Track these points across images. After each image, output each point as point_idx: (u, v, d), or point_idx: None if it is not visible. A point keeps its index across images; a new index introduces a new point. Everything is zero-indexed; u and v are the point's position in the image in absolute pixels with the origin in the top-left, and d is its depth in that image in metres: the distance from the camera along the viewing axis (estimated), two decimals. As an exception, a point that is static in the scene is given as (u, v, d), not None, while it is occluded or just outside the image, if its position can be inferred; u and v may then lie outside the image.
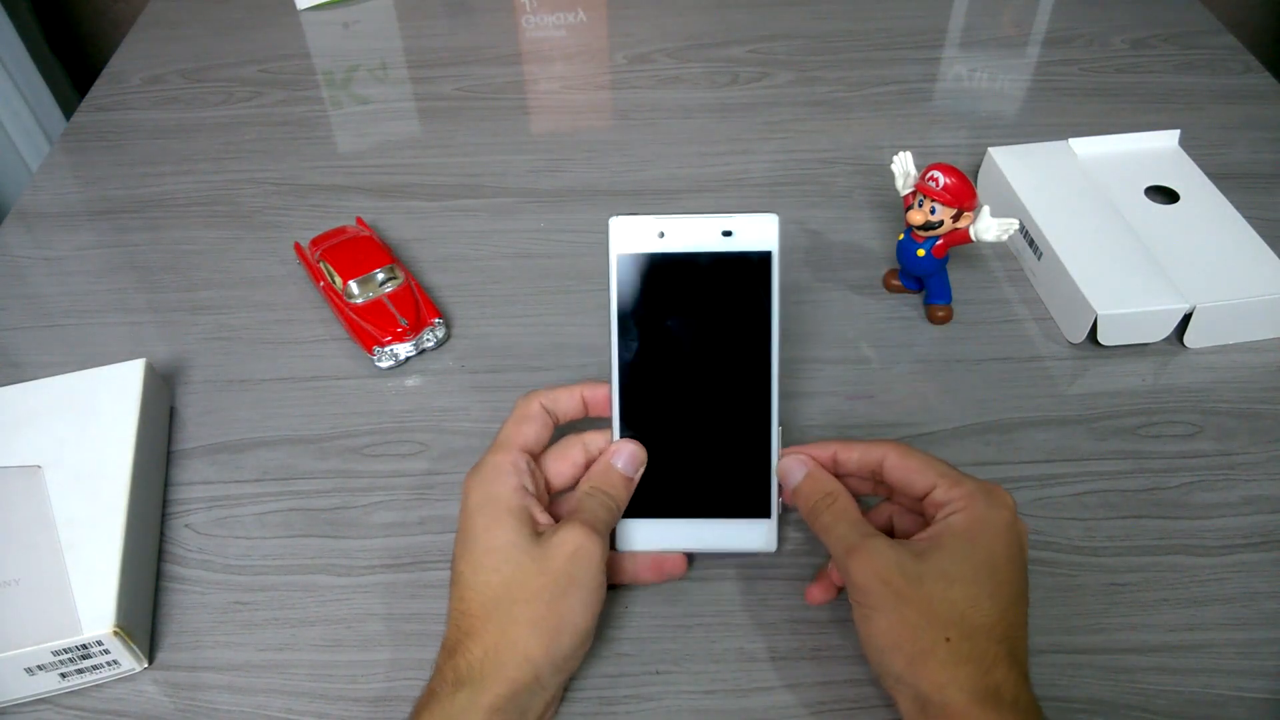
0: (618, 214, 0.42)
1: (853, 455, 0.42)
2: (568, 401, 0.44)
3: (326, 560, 0.47)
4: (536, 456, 0.43)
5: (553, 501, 0.44)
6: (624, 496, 0.42)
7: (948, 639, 0.35)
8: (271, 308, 0.60)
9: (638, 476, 0.42)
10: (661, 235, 0.42)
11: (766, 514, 0.43)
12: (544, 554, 0.38)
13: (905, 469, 0.40)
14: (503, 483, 0.40)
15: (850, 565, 0.38)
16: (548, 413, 0.43)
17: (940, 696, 0.34)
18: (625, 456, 0.42)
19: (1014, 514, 0.38)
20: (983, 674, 0.34)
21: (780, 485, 0.43)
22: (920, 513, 0.41)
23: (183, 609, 0.45)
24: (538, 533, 0.39)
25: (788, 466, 0.42)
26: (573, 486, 0.43)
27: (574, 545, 0.38)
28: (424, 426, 0.52)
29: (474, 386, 0.55)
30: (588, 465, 0.43)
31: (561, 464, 0.43)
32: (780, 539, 0.44)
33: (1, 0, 1.14)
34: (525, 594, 0.37)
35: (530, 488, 0.41)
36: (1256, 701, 0.40)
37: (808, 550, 0.46)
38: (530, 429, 0.43)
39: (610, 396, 0.43)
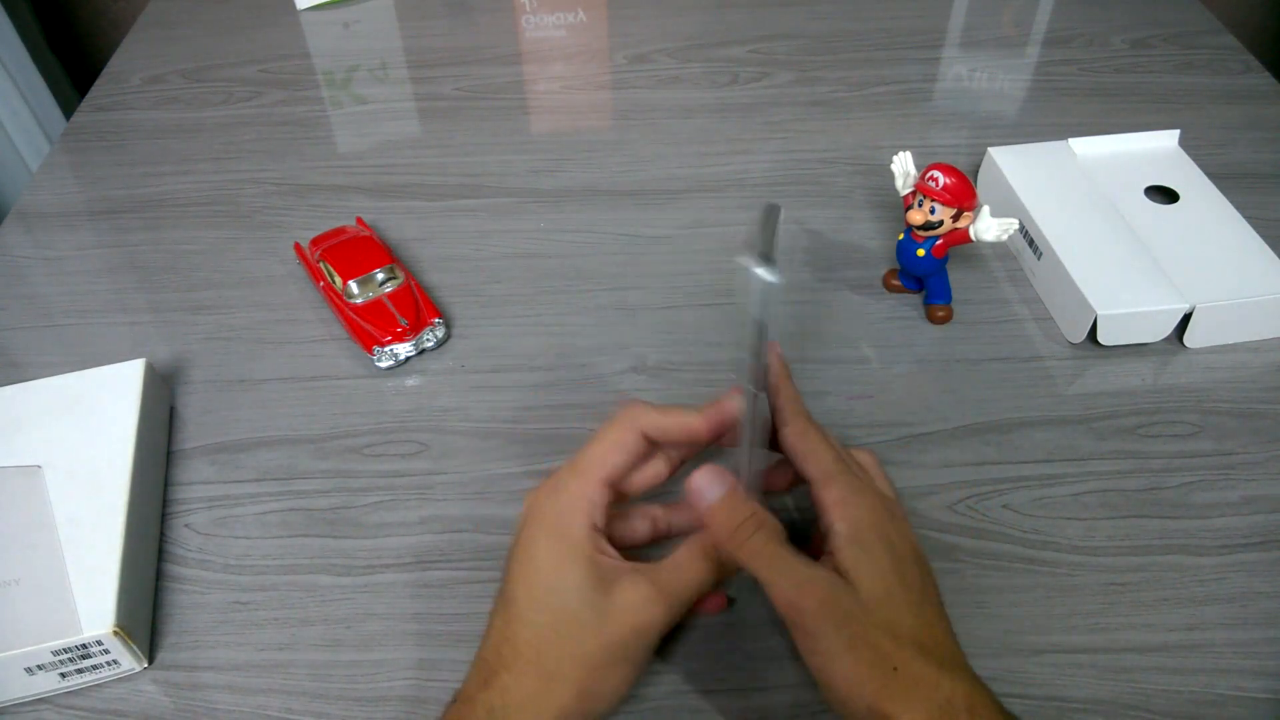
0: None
1: (775, 399, 0.39)
2: (677, 431, 0.39)
3: (326, 560, 0.47)
4: (616, 486, 0.39)
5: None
6: (732, 567, 0.38)
7: (895, 669, 0.33)
8: (271, 308, 0.60)
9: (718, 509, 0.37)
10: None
11: None
12: (607, 613, 0.35)
13: (797, 450, 0.38)
14: (577, 518, 0.37)
15: (800, 602, 0.35)
16: (646, 441, 0.39)
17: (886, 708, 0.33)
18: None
19: (876, 496, 0.37)
20: (932, 691, 0.33)
21: (688, 494, 0.37)
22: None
23: (183, 609, 0.45)
24: (602, 578, 0.36)
25: (701, 482, 0.37)
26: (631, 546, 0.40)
27: (638, 618, 0.35)
28: (424, 426, 0.52)
29: (474, 386, 0.55)
30: (654, 539, 0.41)
31: (624, 532, 0.40)
32: None
33: (2, 1, 1.14)
34: (578, 652, 0.35)
35: (600, 524, 0.38)
36: (1256, 701, 0.40)
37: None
38: (619, 459, 0.38)
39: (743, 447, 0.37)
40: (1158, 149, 0.64)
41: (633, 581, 0.36)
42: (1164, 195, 0.61)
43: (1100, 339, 0.54)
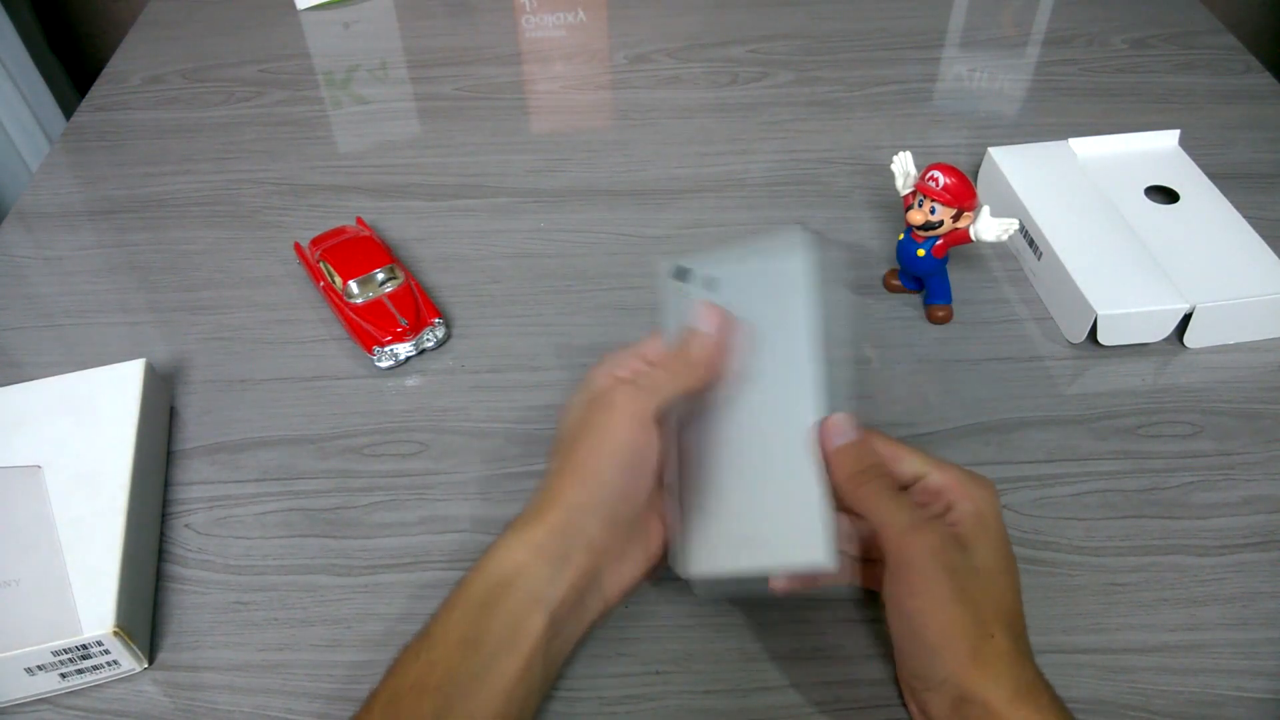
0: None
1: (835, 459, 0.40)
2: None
3: (326, 560, 0.47)
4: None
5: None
6: (706, 358, 0.41)
7: (992, 635, 0.35)
8: (271, 308, 0.60)
9: (725, 339, 0.41)
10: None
11: (817, 530, 0.39)
12: (588, 412, 0.40)
13: (890, 455, 0.40)
14: (599, 367, 0.43)
15: (912, 547, 0.36)
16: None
17: (983, 694, 0.34)
18: (704, 317, 0.42)
19: (996, 492, 0.39)
20: (1020, 669, 0.35)
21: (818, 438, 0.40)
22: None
23: (183, 609, 0.45)
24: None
25: (834, 425, 0.39)
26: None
27: (604, 405, 0.40)
28: (424, 426, 0.52)
29: (474, 386, 0.55)
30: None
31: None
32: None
33: (2, 1, 1.14)
34: (567, 447, 0.40)
35: (621, 375, 0.42)
36: (1256, 701, 0.40)
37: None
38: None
39: None
40: (1158, 149, 0.64)
41: (609, 387, 0.40)
42: (1164, 195, 0.61)
43: (1100, 339, 0.54)
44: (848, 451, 0.39)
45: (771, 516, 0.40)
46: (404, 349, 0.55)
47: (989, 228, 0.51)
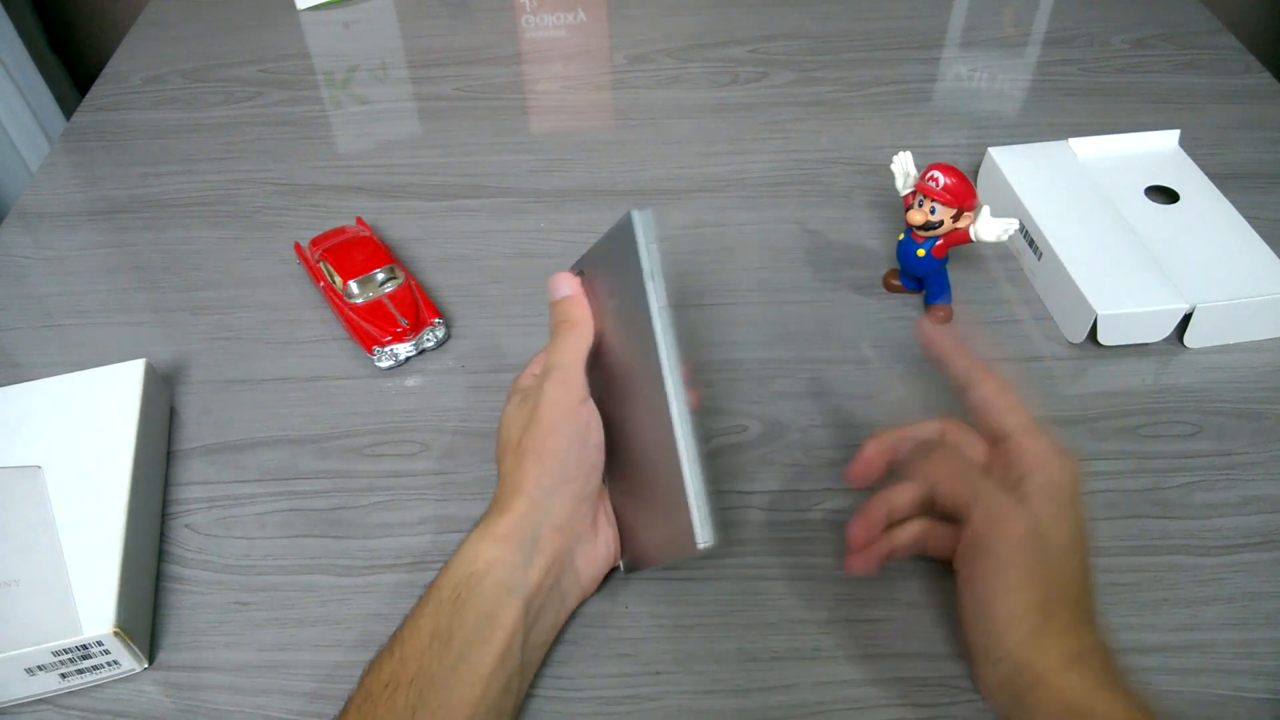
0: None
1: (953, 367, 0.43)
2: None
3: (326, 560, 0.47)
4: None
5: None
6: (578, 314, 0.44)
7: (1054, 615, 0.37)
8: (271, 308, 0.60)
9: (577, 290, 0.44)
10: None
11: (686, 517, 0.38)
12: (527, 410, 0.42)
13: (994, 404, 0.41)
14: (522, 375, 0.46)
15: (998, 533, 0.38)
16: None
17: (1040, 664, 0.36)
18: (557, 288, 0.45)
19: (1078, 465, 0.40)
20: (1075, 638, 0.36)
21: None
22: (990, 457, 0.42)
23: (183, 609, 0.45)
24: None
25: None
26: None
27: (537, 396, 0.41)
28: (424, 426, 0.52)
29: (474, 386, 0.55)
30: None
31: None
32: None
33: (2, 1, 1.14)
34: (513, 442, 0.42)
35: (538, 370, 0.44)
36: (1256, 701, 0.40)
37: (812, 552, 0.46)
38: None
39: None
40: (1158, 149, 0.64)
41: (535, 382, 0.43)
42: (1164, 195, 0.61)
43: (1100, 339, 0.54)
44: (881, 439, 0.43)
45: (662, 515, 0.41)
46: (404, 349, 0.55)
47: (989, 228, 0.51)
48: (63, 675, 0.41)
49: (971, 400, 0.42)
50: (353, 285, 0.56)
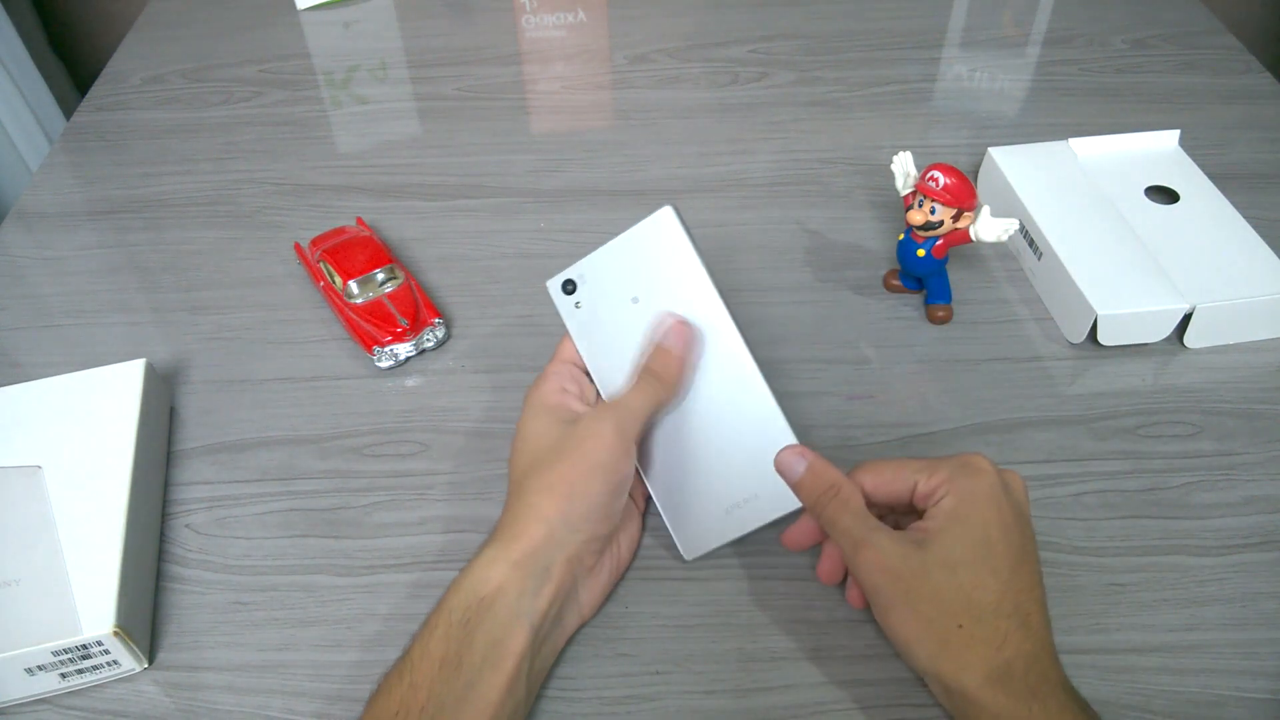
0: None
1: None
2: None
3: (326, 560, 0.47)
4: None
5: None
6: (675, 374, 0.43)
7: (960, 625, 0.36)
8: (271, 308, 0.60)
9: (691, 354, 0.43)
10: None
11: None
12: (566, 435, 0.41)
13: (882, 484, 0.41)
14: (545, 385, 0.45)
15: (858, 563, 0.39)
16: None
17: (958, 682, 0.36)
18: (673, 334, 0.43)
19: (995, 476, 0.39)
20: (994, 652, 0.36)
21: (778, 467, 0.42)
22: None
23: (183, 609, 0.45)
24: (568, 420, 0.43)
25: (786, 460, 0.42)
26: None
27: (589, 429, 0.41)
28: (424, 426, 0.52)
29: (474, 386, 0.55)
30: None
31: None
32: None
33: (2, 1, 1.14)
34: (544, 466, 0.41)
35: (571, 389, 0.45)
36: (1256, 701, 0.40)
37: (812, 552, 0.46)
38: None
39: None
40: (1158, 149, 0.64)
41: (590, 413, 0.42)
42: (1164, 195, 0.61)
43: (1100, 339, 0.54)
44: (805, 482, 0.41)
45: (753, 473, 0.43)
46: (404, 349, 0.55)
47: (989, 228, 0.51)
48: (62, 675, 0.41)
49: (873, 499, 0.41)
50: (353, 285, 0.56)
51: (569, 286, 0.47)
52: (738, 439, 0.43)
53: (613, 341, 0.45)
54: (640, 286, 0.45)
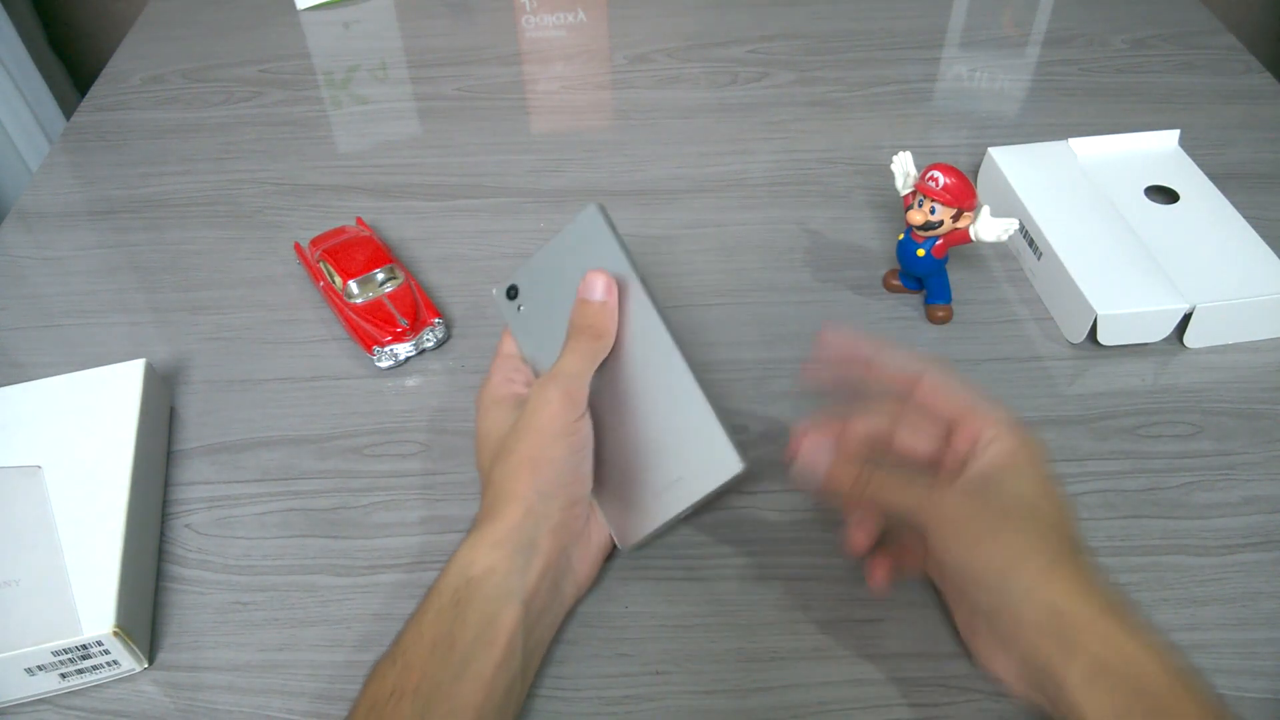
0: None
1: (890, 363, 0.42)
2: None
3: (326, 560, 0.47)
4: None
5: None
6: (603, 321, 0.43)
7: (1069, 543, 0.36)
8: (271, 308, 0.60)
9: (612, 298, 0.43)
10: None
11: (720, 443, 0.41)
12: (519, 417, 0.42)
13: (941, 391, 0.41)
14: (491, 382, 0.46)
15: (937, 509, 0.38)
16: None
17: (1075, 597, 0.34)
18: (589, 284, 0.43)
19: (1045, 453, 0.39)
20: (1100, 574, 0.35)
21: (800, 471, 0.42)
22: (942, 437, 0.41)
23: (183, 609, 0.45)
24: (518, 401, 0.43)
25: (811, 448, 0.41)
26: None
27: (536, 401, 0.41)
28: (424, 426, 0.52)
29: (474, 387, 0.54)
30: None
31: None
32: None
33: (2, 1, 1.14)
34: (506, 451, 0.41)
35: (516, 378, 0.46)
36: (1256, 701, 0.40)
37: (812, 552, 0.46)
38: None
39: None
40: (1158, 149, 0.64)
41: (534, 386, 0.42)
42: (1164, 195, 0.61)
43: (1100, 339, 0.54)
44: (835, 475, 0.41)
45: (677, 454, 0.42)
46: (404, 349, 0.55)
47: (989, 228, 0.51)
48: (62, 675, 0.41)
49: (922, 390, 0.41)
50: (353, 285, 0.56)
51: (512, 292, 0.47)
52: (661, 422, 0.43)
53: (553, 335, 0.45)
54: (574, 283, 0.44)
